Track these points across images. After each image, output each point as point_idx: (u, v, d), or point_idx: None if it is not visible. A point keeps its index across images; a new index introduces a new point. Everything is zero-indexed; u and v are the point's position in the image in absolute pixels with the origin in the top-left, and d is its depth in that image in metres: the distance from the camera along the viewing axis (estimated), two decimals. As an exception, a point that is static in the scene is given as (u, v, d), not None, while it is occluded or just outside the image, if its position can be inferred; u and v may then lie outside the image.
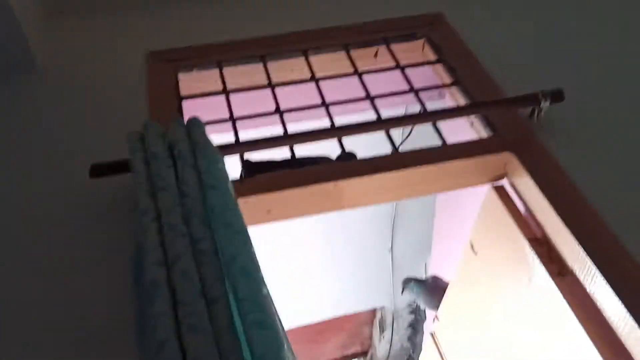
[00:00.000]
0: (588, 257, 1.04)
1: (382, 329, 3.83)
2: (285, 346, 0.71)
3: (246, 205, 1.13)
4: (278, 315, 0.79)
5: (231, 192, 0.95)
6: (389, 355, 3.97)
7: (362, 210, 2.96)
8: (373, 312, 3.85)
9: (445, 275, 2.25)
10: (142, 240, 0.87)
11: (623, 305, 0.97)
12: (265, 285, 0.80)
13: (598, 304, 1.04)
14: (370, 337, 4.05)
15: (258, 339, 0.71)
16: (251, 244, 0.86)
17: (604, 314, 1.03)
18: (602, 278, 1.01)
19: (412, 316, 3.69)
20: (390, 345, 3.90)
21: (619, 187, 1.16)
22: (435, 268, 2.79)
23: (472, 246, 1.47)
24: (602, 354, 1.03)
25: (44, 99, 1.36)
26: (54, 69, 1.44)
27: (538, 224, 1.21)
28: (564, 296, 1.10)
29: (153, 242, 0.85)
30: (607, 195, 1.13)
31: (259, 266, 0.82)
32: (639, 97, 1.36)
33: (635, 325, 0.94)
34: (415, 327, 3.73)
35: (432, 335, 1.89)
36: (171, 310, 0.75)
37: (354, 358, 4.27)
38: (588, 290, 1.06)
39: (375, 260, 3.31)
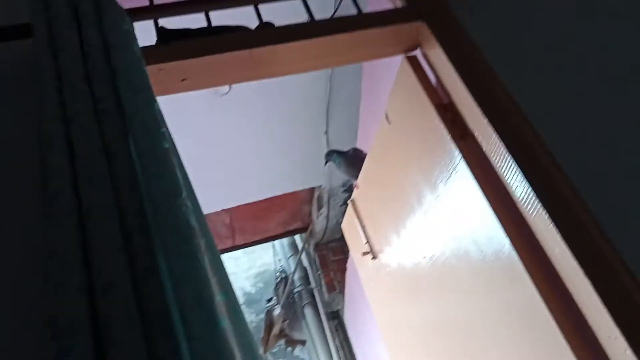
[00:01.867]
0: (486, 119, 1.03)
1: (319, 206, 3.91)
2: (184, 194, 0.68)
3: (161, 72, 1.06)
4: (181, 167, 0.76)
5: (137, 53, 0.88)
6: (326, 229, 4.11)
7: (297, 95, 2.90)
8: (311, 191, 3.90)
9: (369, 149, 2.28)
10: (42, 98, 0.79)
11: (515, 162, 0.98)
12: (167, 140, 0.76)
13: (493, 162, 1.05)
14: (310, 214, 4.15)
15: (156, 190, 0.68)
16: (154, 102, 0.81)
17: (497, 172, 1.04)
18: (498, 138, 1.01)
19: (346, 195, 3.77)
20: (327, 221, 4.01)
21: (524, 57, 1.14)
22: (362, 143, 2.82)
23: (386, 116, 1.45)
24: (492, 205, 1.06)
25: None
26: None
27: (446, 92, 1.19)
28: (464, 157, 1.11)
29: (52, 99, 0.78)
30: (511, 65, 1.11)
31: (161, 123, 0.78)
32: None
33: (523, 179, 0.96)
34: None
35: (352, 202, 1.92)
36: (68, 164, 0.70)
37: (296, 233, 4.38)
38: (485, 150, 1.07)
39: (312, 143, 3.30)
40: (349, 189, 3.70)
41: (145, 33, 1.07)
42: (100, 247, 0.59)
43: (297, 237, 4.55)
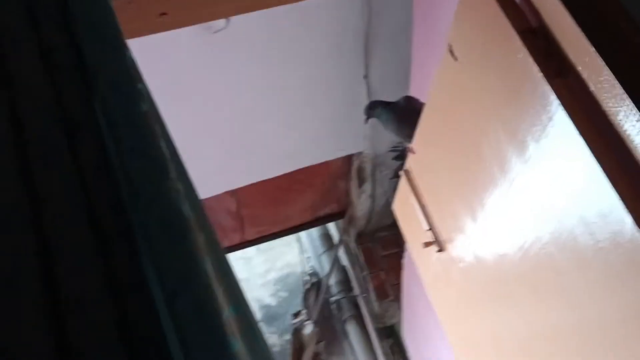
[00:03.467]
0: (593, 48, 1.03)
1: (361, 182, 3.93)
2: (172, 175, 0.70)
3: (131, 6, 1.08)
4: (166, 136, 0.78)
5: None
6: (371, 214, 4.12)
7: (321, 27, 2.89)
8: (348, 160, 3.91)
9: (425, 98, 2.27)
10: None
11: (637, 108, 0.98)
12: (144, 101, 0.78)
13: (605, 108, 1.05)
14: (347, 194, 4.16)
15: (135, 171, 0.70)
16: (126, 51, 0.83)
17: (612, 122, 1.04)
18: (611, 74, 1.01)
19: (398, 163, 3.77)
20: (373, 201, 4.03)
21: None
22: (417, 91, 2.81)
23: (451, 51, 1.45)
24: (605, 170, 1.05)
25: None
26: None
27: (535, 12, 1.20)
28: (563, 102, 1.11)
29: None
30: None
31: (136, 78, 0.80)
32: None
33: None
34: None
35: (406, 172, 1.93)
36: (11, 142, 0.73)
37: (330, 220, 4.42)
38: (593, 92, 1.07)
39: (346, 93, 3.30)
40: (402, 155, 3.69)
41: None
42: (63, 255, 0.62)
43: (331, 226, 4.60)
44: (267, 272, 5.56)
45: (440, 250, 1.80)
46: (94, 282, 0.61)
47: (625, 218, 1.03)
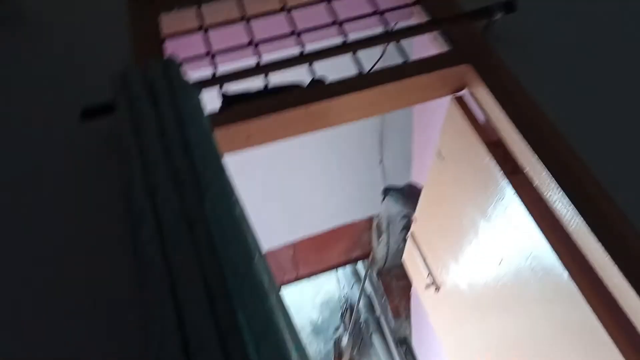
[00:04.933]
0: (536, 157, 1.06)
1: (379, 234, 3.92)
2: (257, 257, 0.75)
3: (229, 132, 1.15)
4: (251, 231, 0.82)
5: (207, 125, 0.97)
6: (387, 256, 4.10)
7: (351, 130, 2.96)
8: (370, 220, 3.93)
9: (424, 180, 2.30)
10: (129, 174, 0.89)
11: (565, 195, 1.00)
12: (239, 206, 0.83)
13: (544, 196, 1.07)
14: (370, 242, 4.17)
15: (233, 254, 0.75)
16: (225, 170, 0.89)
17: (549, 204, 1.06)
18: (548, 174, 1.04)
19: (405, 221, 3.77)
20: (388, 248, 4.01)
21: (567, 92, 1.16)
22: (418, 175, 2.84)
23: (439, 153, 1.49)
24: (545, 232, 1.08)
25: (33, 48, 1.34)
26: (41, 20, 1.41)
27: (494, 129, 1.22)
28: (516, 191, 1.14)
29: (137, 174, 0.88)
30: (555, 99, 1.13)
31: (232, 189, 0.85)
32: (584, 7, 1.32)
33: (576, 212, 0.98)
34: (409, 229, 3.83)
35: (411, 235, 1.95)
36: (156, 233, 0.79)
37: (357, 260, 4.41)
38: (536, 186, 1.09)
39: (368, 174, 3.35)
40: (407, 215, 3.71)
41: (212, 99, 1.18)
42: (191, 310, 0.67)
43: (359, 265, 4.57)
44: (314, 297, 5.50)
45: (437, 290, 1.80)
46: (209, 331, 0.65)
47: (555, 261, 1.07)
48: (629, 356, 0.97)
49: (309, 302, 5.46)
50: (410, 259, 2.02)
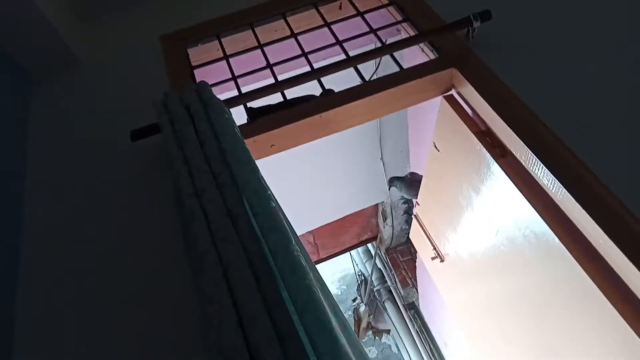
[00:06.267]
0: (520, 140, 1.02)
1: (384, 218, 3.90)
2: (293, 242, 0.73)
3: (255, 143, 1.13)
4: (287, 220, 0.81)
5: (238, 135, 0.95)
6: (392, 236, 4.08)
7: (353, 133, 2.94)
8: (376, 207, 3.91)
9: (420, 171, 2.26)
10: (177, 180, 0.88)
11: (550, 172, 0.97)
12: (273, 199, 0.81)
13: (532, 174, 1.04)
14: (377, 225, 4.14)
15: (272, 240, 0.73)
16: (258, 170, 0.87)
17: (537, 181, 1.03)
18: (531, 153, 1.00)
19: (406, 205, 3.74)
20: (393, 229, 3.99)
21: (542, 82, 1.12)
22: (414, 167, 2.80)
23: (435, 146, 1.46)
24: (532, 203, 1.05)
25: (87, 87, 1.34)
26: (91, 62, 1.41)
27: (482, 120, 1.19)
28: (505, 171, 1.11)
29: (185, 180, 0.87)
30: (531, 90, 1.09)
31: (266, 187, 0.83)
32: (554, 11, 1.28)
33: (561, 186, 0.94)
34: (409, 213, 3.80)
35: (415, 216, 1.92)
36: (206, 228, 0.77)
37: (368, 242, 4.38)
38: (524, 164, 1.06)
39: (371, 169, 3.34)
40: (407, 201, 3.67)
41: (239, 113, 1.16)
42: (242, 290, 0.65)
43: (369, 245, 4.55)
44: (334, 274, 5.50)
45: (441, 261, 1.77)
46: (259, 306, 0.64)
47: (543, 224, 1.04)
48: (613, 300, 0.93)
49: (329, 278, 5.45)
50: (416, 237, 1.99)
